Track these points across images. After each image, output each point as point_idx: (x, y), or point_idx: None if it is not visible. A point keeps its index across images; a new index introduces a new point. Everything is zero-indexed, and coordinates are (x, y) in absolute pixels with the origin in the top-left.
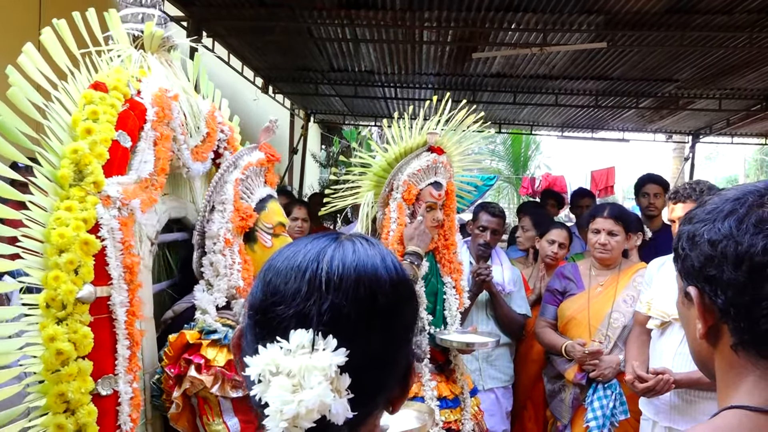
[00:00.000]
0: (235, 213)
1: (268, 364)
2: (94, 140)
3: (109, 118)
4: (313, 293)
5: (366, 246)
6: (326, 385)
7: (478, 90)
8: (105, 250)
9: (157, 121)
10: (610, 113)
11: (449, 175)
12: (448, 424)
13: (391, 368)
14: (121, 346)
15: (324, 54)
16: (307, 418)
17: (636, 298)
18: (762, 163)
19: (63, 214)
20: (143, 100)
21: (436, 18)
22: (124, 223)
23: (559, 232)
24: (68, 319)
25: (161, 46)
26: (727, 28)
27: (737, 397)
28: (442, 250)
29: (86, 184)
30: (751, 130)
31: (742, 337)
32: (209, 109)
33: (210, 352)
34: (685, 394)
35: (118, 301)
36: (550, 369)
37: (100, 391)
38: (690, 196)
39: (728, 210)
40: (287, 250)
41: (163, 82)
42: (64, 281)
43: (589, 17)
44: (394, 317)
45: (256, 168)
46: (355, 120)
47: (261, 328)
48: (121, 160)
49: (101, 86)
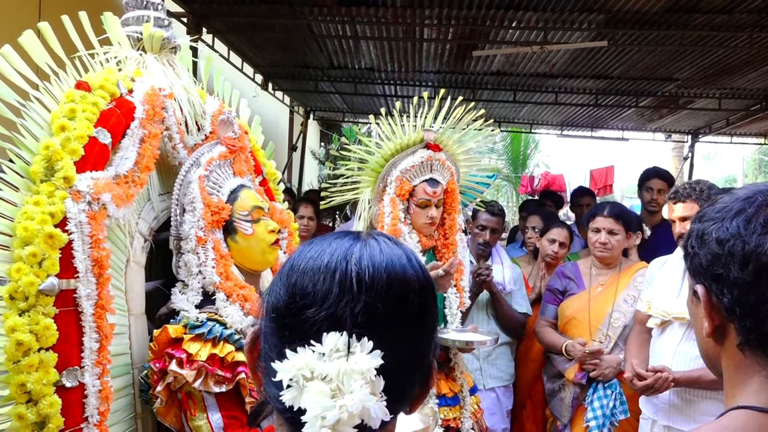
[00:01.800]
0: (205, 209)
1: (301, 369)
2: (67, 137)
3: (89, 115)
4: (345, 294)
5: (391, 245)
6: (367, 390)
7: (478, 88)
8: (72, 244)
9: (146, 119)
10: (610, 112)
11: (449, 174)
12: (447, 421)
13: (419, 368)
14: (89, 339)
15: (324, 51)
16: (348, 423)
17: (637, 298)
18: (761, 162)
19: (30, 209)
20: (134, 98)
21: (436, 15)
22: (94, 217)
23: (560, 231)
24: (31, 311)
25: (163, 47)
26: (727, 27)
27: (744, 397)
28: (441, 249)
29: (57, 180)
30: (750, 129)
31: (748, 336)
32: (216, 108)
33: (192, 346)
34: (684, 393)
35: (84, 294)
36: (549, 368)
37: (65, 383)
38: (690, 196)
39: (737, 209)
40: (310, 251)
41: (160, 82)
42: (25, 273)
43: (589, 16)
44: (423, 317)
45: (219, 161)
46: (355, 117)
47: (290, 331)
48: (98, 156)
49: (84, 85)
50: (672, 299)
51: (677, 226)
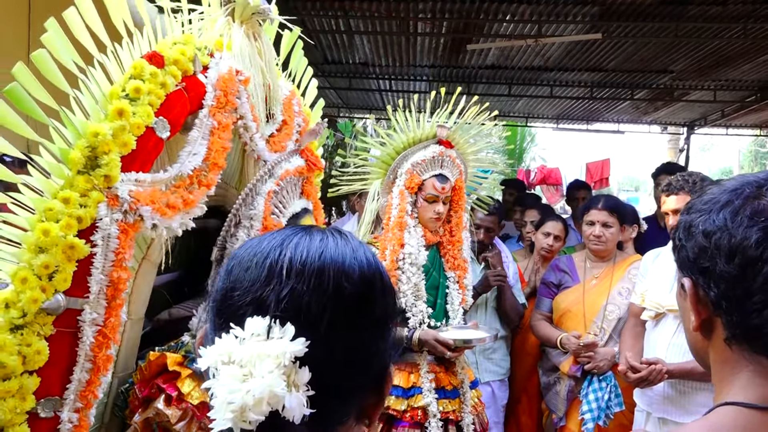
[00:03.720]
0: (263, 231)
1: (221, 354)
2: (123, 125)
3: (153, 99)
4: (273, 279)
5: (337, 237)
6: (278, 375)
7: (473, 82)
8: (92, 258)
9: (217, 107)
10: (605, 105)
11: (458, 171)
12: (446, 414)
13: (361, 369)
14: (80, 369)
15: (318, 46)
16: (255, 410)
17: (631, 291)
18: (756, 154)
19: (57, 206)
20: (206, 80)
21: (430, 9)
22: (125, 230)
23: (555, 225)
24: (25, 329)
25: (255, 15)
26: (721, 19)
27: (732, 392)
28: (447, 245)
29: (96, 176)
30: (746, 121)
31: (734, 331)
32: (287, 95)
33: (187, 384)
34: (678, 385)
35: (89, 319)
36: (545, 362)
37: (39, 413)
38: (683, 188)
39: (724, 201)
40: (254, 240)
41: (239, 62)
42: (31, 286)
43: (583, 8)
44: (363, 310)
45: (293, 178)
46: (350, 112)
47: (219, 317)
48: (150, 153)
49: (157, 58)
50: (666, 292)
51: (670, 218)
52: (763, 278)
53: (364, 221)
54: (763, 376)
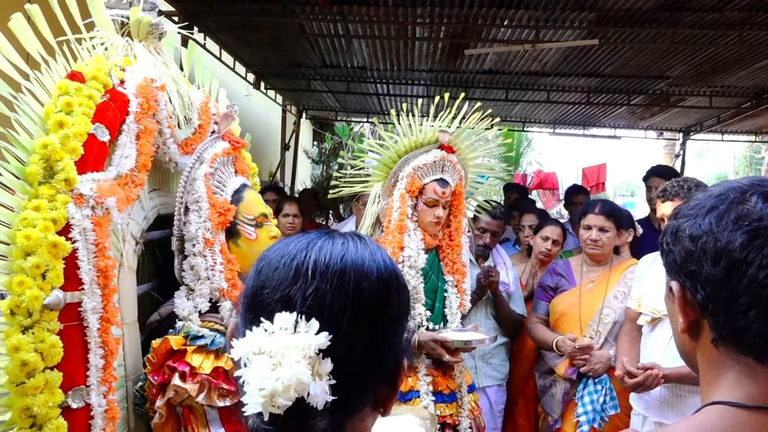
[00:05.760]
0: (211, 210)
1: (252, 346)
2: (66, 134)
3: (86, 110)
4: (299, 278)
5: (357, 241)
6: (305, 365)
7: (471, 87)
8: (76, 253)
9: (141, 113)
10: (602, 110)
11: (458, 177)
12: (443, 418)
13: (378, 361)
14: (94, 356)
15: (316, 50)
16: (284, 395)
17: (627, 294)
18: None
19: (30, 214)
20: (126, 90)
21: (428, 14)
22: (98, 223)
23: (553, 229)
24: (35, 327)
25: (150, 34)
26: (717, 25)
27: (719, 392)
28: (446, 249)
29: (57, 182)
30: (741, 127)
31: (721, 332)
32: (202, 100)
33: (195, 358)
34: (675, 389)
35: (89, 308)
36: (541, 364)
37: (71, 404)
38: (678, 194)
39: (710, 206)
40: (281, 243)
41: (150, 72)
42: (29, 286)
43: (581, 14)
44: (381, 308)
45: (223, 158)
46: (348, 116)
47: (249, 312)
48: (98, 155)
49: (78, 76)
50: (662, 296)
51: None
52: (747, 280)
53: (364, 224)
54: (749, 376)
